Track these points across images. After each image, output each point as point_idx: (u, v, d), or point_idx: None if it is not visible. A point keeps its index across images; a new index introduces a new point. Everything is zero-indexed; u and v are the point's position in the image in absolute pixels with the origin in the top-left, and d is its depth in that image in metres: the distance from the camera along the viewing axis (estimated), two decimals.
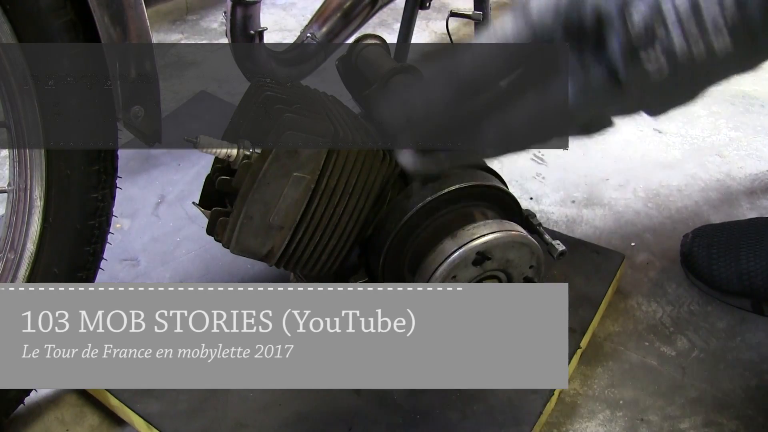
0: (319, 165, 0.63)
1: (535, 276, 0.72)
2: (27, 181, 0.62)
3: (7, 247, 0.65)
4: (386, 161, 0.68)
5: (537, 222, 0.77)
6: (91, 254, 0.68)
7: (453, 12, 0.96)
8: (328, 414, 0.72)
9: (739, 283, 0.86)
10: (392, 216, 0.70)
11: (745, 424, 0.76)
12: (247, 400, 0.73)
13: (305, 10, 1.67)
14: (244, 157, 0.64)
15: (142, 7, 0.58)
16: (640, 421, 0.77)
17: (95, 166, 0.64)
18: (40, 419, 0.77)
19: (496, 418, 0.71)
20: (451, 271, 0.67)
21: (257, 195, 0.63)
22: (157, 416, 0.71)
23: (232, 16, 0.90)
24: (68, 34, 0.57)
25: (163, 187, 1.01)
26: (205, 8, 1.69)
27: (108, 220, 0.69)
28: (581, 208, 1.06)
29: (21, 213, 0.64)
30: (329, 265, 0.71)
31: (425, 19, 1.61)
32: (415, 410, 0.72)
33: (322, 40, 1.03)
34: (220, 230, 0.65)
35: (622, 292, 0.92)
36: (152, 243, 0.92)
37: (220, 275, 0.87)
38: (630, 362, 0.83)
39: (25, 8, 0.55)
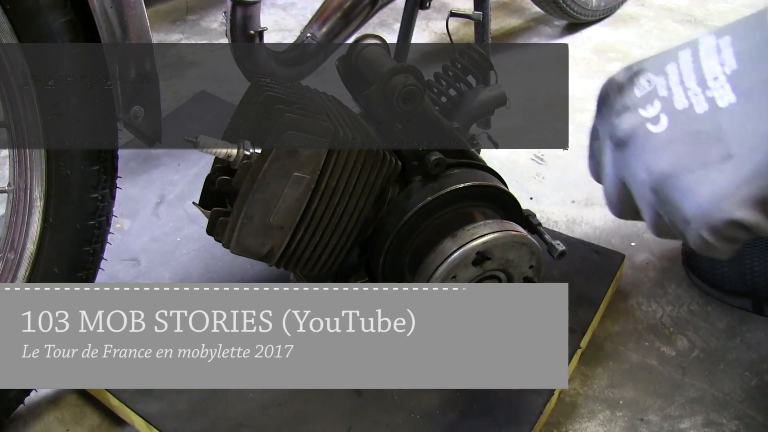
0: (319, 165, 0.63)
1: (535, 276, 0.72)
2: (27, 181, 0.62)
3: (7, 247, 0.65)
4: (386, 161, 0.68)
5: (537, 222, 0.77)
6: (91, 254, 0.68)
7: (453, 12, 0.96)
8: (328, 414, 0.72)
9: (741, 282, 0.86)
10: (392, 216, 0.70)
11: (745, 424, 0.76)
12: (247, 400, 0.73)
13: (305, 10, 1.67)
14: (244, 157, 0.64)
15: (142, 7, 0.58)
16: (640, 421, 0.77)
17: (95, 166, 0.64)
18: (40, 419, 0.77)
19: (496, 418, 0.71)
20: (451, 271, 0.67)
21: (257, 195, 0.63)
22: (157, 416, 0.71)
23: (232, 16, 0.90)
24: (68, 33, 0.57)
25: (163, 187, 1.01)
26: (205, 8, 1.69)
27: (108, 220, 0.69)
28: (581, 208, 1.06)
29: (21, 213, 0.64)
30: (329, 265, 0.71)
31: (425, 19, 1.61)
32: (415, 410, 0.72)
33: (322, 40, 1.03)
34: (220, 230, 0.65)
35: (622, 292, 0.92)
36: (152, 243, 0.92)
37: (220, 275, 0.87)
38: (630, 362, 0.83)
39: (25, 8, 0.55)
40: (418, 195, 0.70)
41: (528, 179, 1.12)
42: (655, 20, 1.60)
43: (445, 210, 0.71)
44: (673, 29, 1.57)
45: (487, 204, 0.73)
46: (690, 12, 1.64)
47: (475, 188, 0.71)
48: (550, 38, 1.55)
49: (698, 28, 1.57)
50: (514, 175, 1.12)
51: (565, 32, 1.57)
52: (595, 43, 1.52)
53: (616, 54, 1.48)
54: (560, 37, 1.55)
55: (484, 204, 0.73)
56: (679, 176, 0.50)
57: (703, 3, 1.67)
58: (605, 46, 1.51)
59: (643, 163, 0.52)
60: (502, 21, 1.62)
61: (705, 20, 1.60)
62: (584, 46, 1.50)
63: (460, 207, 0.71)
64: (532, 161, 1.16)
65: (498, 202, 0.74)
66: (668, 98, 0.52)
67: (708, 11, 1.64)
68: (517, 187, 1.10)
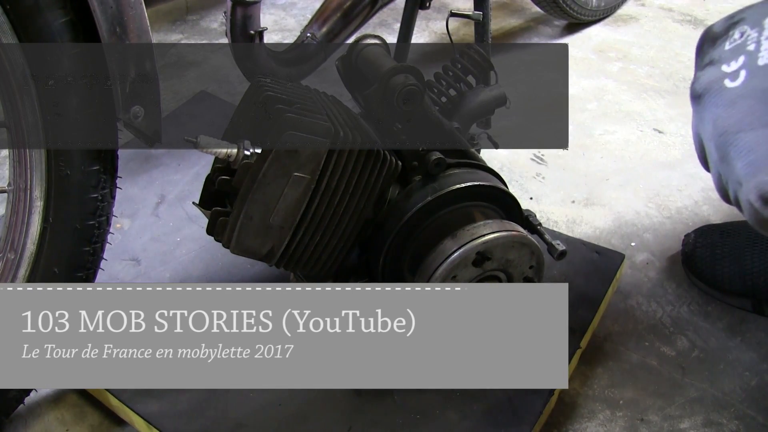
0: (319, 165, 0.63)
1: (535, 276, 0.72)
2: (27, 181, 0.62)
3: (7, 247, 0.65)
4: (386, 161, 0.68)
5: (537, 222, 0.77)
6: (91, 254, 0.68)
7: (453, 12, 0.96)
8: (328, 414, 0.72)
9: (741, 283, 0.86)
10: (392, 216, 0.70)
11: (745, 424, 0.76)
12: (247, 400, 0.73)
13: (305, 10, 1.67)
14: (244, 157, 0.64)
15: (142, 7, 0.58)
16: (640, 421, 0.77)
17: (95, 166, 0.64)
18: (40, 419, 0.77)
19: (496, 418, 0.71)
20: (451, 271, 0.67)
21: (257, 195, 0.63)
22: (157, 416, 0.71)
23: (232, 16, 0.90)
24: (68, 33, 0.57)
25: (163, 187, 1.01)
26: (205, 8, 1.69)
27: (108, 220, 0.69)
28: (581, 208, 1.06)
29: (21, 213, 0.64)
30: (329, 265, 0.71)
31: (425, 19, 1.61)
32: (415, 410, 0.72)
33: (322, 40, 1.03)
34: (220, 230, 0.65)
35: (622, 292, 0.92)
36: (152, 243, 0.92)
37: (220, 275, 0.87)
38: (630, 362, 0.83)
39: (25, 8, 0.55)
40: (418, 195, 0.70)
41: (528, 179, 1.12)
42: (655, 20, 1.60)
43: (445, 210, 0.71)
44: (673, 29, 1.57)
45: (487, 204, 0.73)
46: (690, 12, 1.64)
47: (475, 188, 0.71)
48: (550, 38, 1.55)
49: (698, 28, 1.57)
50: (514, 175, 1.12)
51: (565, 32, 1.57)
52: (595, 43, 1.52)
53: (616, 54, 1.48)
54: (560, 37, 1.55)
55: (484, 204, 0.73)
56: (741, 133, 0.48)
57: (703, 3, 1.67)
58: (605, 46, 1.51)
59: (712, 117, 0.50)
60: (502, 21, 1.62)
61: (705, 20, 1.60)
62: (584, 46, 1.50)
63: (460, 207, 0.71)
64: (532, 161, 1.16)
65: (498, 202, 0.74)
66: (754, 53, 0.50)
67: (708, 11, 1.64)
68: (517, 187, 1.10)
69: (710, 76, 0.52)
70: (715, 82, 0.51)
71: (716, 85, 0.51)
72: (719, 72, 0.52)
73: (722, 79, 0.51)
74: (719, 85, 0.51)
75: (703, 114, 0.52)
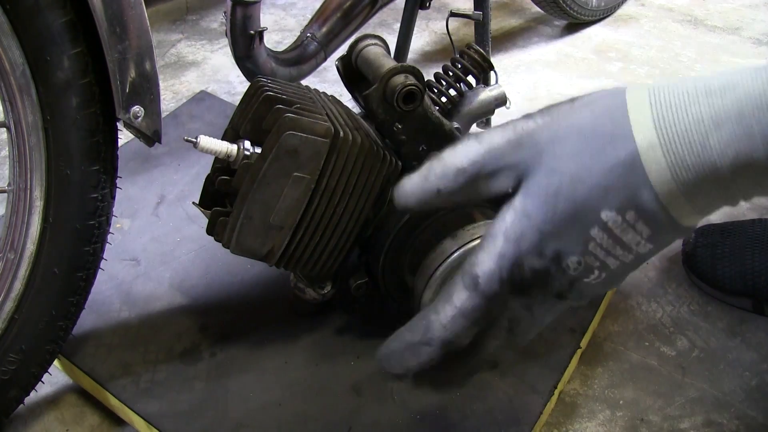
0: (319, 165, 0.63)
1: None
2: (27, 181, 0.62)
3: (7, 247, 0.65)
4: (386, 161, 0.68)
5: None
6: (91, 254, 0.68)
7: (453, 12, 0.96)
8: (328, 414, 0.72)
9: (742, 283, 0.86)
10: (392, 216, 0.70)
11: (745, 424, 0.76)
12: (247, 400, 0.73)
13: (305, 10, 1.67)
14: (244, 157, 0.64)
15: (142, 7, 0.58)
16: (640, 421, 0.77)
17: (95, 166, 0.64)
18: (40, 419, 0.77)
19: (496, 418, 0.71)
20: (451, 272, 0.67)
21: (257, 195, 0.63)
22: (157, 416, 0.71)
23: (232, 16, 0.89)
24: (68, 33, 0.57)
25: (163, 187, 1.01)
26: (205, 8, 1.69)
27: (108, 220, 0.68)
28: None
29: (21, 213, 0.64)
30: (329, 265, 0.71)
31: (425, 19, 1.61)
32: (415, 410, 0.72)
33: (322, 40, 1.03)
34: (220, 230, 0.65)
35: (622, 292, 0.92)
36: (152, 243, 0.92)
37: (220, 275, 0.87)
38: (630, 362, 0.83)
39: (25, 7, 0.55)
40: None
41: None
42: (655, 20, 1.61)
43: (445, 210, 0.70)
44: (673, 29, 1.57)
45: (487, 204, 0.73)
46: (690, 12, 1.64)
47: None
48: (550, 38, 1.55)
49: (698, 28, 1.57)
50: None
51: (565, 32, 1.57)
52: (595, 43, 1.52)
53: (616, 54, 1.48)
54: (560, 37, 1.55)
55: (485, 204, 0.73)
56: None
57: (703, 3, 1.67)
58: (605, 46, 1.51)
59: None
60: (502, 21, 1.62)
61: (705, 20, 1.60)
62: (584, 46, 1.50)
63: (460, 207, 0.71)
64: None
65: (498, 202, 0.73)
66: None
67: (708, 11, 1.64)
68: None
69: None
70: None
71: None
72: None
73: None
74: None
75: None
